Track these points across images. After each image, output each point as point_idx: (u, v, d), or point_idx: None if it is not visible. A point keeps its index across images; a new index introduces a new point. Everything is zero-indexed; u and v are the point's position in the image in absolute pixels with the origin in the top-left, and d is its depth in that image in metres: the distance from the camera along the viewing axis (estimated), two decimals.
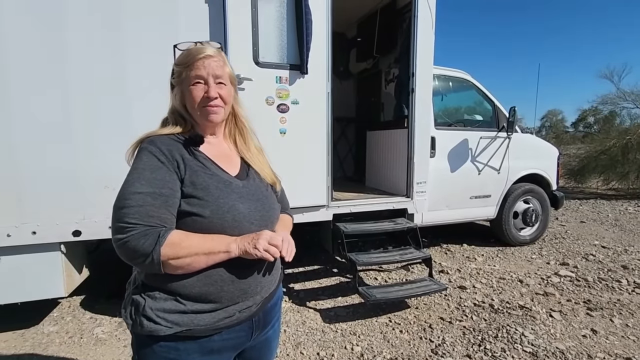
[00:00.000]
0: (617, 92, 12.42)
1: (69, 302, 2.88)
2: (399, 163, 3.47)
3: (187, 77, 0.91)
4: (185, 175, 0.87)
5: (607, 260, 3.84)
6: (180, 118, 0.96)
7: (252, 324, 0.95)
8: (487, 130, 4.02)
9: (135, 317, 0.84)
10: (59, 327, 2.53)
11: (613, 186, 9.46)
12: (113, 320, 2.62)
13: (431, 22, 3.11)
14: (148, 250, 0.77)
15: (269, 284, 0.98)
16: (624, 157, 8.81)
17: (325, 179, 2.83)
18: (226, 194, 0.89)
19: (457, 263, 3.80)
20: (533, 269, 3.63)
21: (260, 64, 2.52)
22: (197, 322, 0.84)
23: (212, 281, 0.85)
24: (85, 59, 2.19)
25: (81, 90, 2.20)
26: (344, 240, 2.87)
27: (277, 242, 0.87)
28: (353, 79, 4.95)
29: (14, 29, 2.06)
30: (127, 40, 2.26)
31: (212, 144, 0.98)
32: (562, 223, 5.65)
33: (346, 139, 4.95)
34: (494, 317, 2.63)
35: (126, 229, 0.77)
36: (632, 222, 5.66)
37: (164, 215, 0.81)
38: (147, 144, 0.88)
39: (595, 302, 2.86)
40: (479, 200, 4.02)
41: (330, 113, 2.79)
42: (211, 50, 0.93)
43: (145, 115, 1.42)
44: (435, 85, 3.76)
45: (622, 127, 10.69)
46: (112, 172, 1.72)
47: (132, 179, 0.82)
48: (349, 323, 2.57)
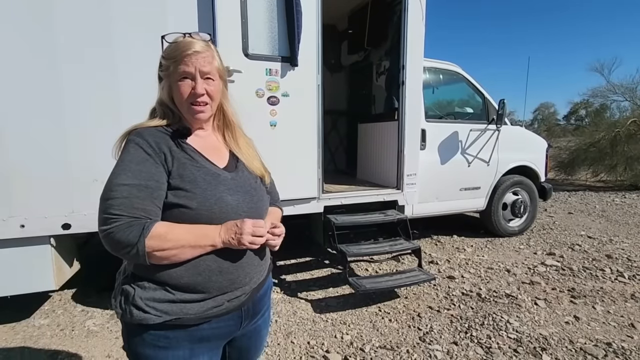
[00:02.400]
0: (607, 85, 12.54)
1: (60, 295, 2.88)
2: (389, 155, 3.50)
3: (174, 72, 0.90)
4: (172, 167, 0.87)
5: (592, 250, 3.94)
6: (168, 110, 0.95)
7: (241, 313, 0.96)
8: (477, 123, 4.06)
9: (125, 306, 0.85)
10: (50, 320, 2.53)
11: (601, 178, 9.62)
12: (105, 312, 2.63)
13: (421, 14, 3.11)
14: (132, 241, 0.78)
15: (257, 274, 0.99)
16: (613, 149, 8.95)
17: (316, 171, 2.85)
18: (214, 186, 0.90)
19: (446, 254, 3.87)
20: (520, 259, 3.71)
21: (249, 56, 2.51)
22: (186, 311, 0.85)
23: (200, 271, 0.86)
24: (75, 50, 2.16)
25: (71, 83, 2.17)
26: (334, 232, 2.90)
27: (261, 232, 0.88)
28: (345, 71, 4.94)
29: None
30: (115, 30, 2.23)
31: (201, 136, 0.98)
32: (551, 214, 5.75)
33: (338, 131, 4.95)
34: (480, 306, 2.69)
35: (111, 219, 0.78)
36: (618, 213, 5.78)
37: (148, 207, 0.82)
38: (135, 136, 0.88)
39: (579, 290, 2.94)
40: (468, 192, 4.07)
41: (321, 105, 2.80)
42: (199, 45, 0.91)
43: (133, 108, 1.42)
44: (426, 78, 3.78)
45: (612, 120, 10.82)
46: (102, 166, 1.72)
47: (118, 171, 0.83)
48: (340, 313, 2.62)
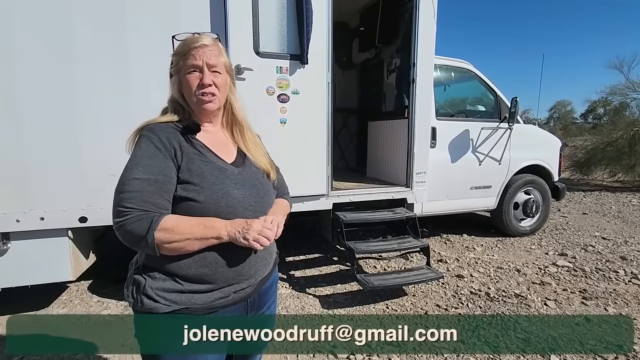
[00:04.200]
0: (626, 82, 12.15)
1: (77, 286, 2.98)
2: (399, 153, 3.49)
3: (183, 66, 0.95)
4: (182, 162, 0.91)
5: (607, 252, 3.86)
6: (178, 106, 1.00)
7: (247, 305, 0.99)
8: (489, 121, 4.01)
9: (137, 295, 0.89)
10: (67, 310, 2.63)
11: (619, 178, 9.37)
12: (119, 303, 2.71)
13: (433, 11, 3.09)
14: (142, 233, 0.82)
15: (263, 267, 1.02)
16: (631, 149, 8.70)
17: (325, 168, 2.87)
18: (221, 180, 0.93)
19: (456, 253, 3.85)
20: (531, 259, 3.67)
21: (260, 54, 2.54)
22: (193, 301, 0.89)
23: (207, 263, 0.90)
24: (89, 52, 2.23)
25: (87, 83, 2.25)
26: (343, 229, 2.92)
27: (267, 234, 0.89)
28: (356, 69, 4.93)
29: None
30: (129, 28, 2.29)
31: (209, 132, 1.02)
32: (564, 214, 5.65)
33: (348, 129, 4.96)
34: (489, 305, 2.68)
35: (123, 212, 0.82)
36: (634, 214, 5.64)
37: (158, 201, 0.86)
38: (147, 131, 0.92)
39: (591, 291, 2.89)
40: (479, 190, 4.03)
41: (331, 103, 2.81)
42: (207, 39, 0.96)
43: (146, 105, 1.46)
44: (437, 76, 3.75)
45: (631, 119, 10.50)
46: (117, 161, 1.77)
47: (131, 165, 0.87)
48: (347, 309, 2.64)
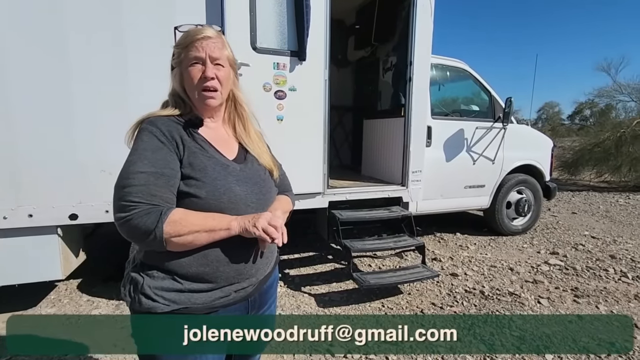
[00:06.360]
0: (613, 85, 12.44)
1: (66, 285, 2.91)
2: (395, 152, 3.49)
3: (185, 58, 0.92)
4: (183, 156, 0.88)
5: (596, 250, 3.93)
6: (179, 100, 0.96)
7: (247, 304, 0.97)
8: (483, 121, 4.04)
9: (134, 294, 0.85)
10: (56, 309, 2.56)
11: (605, 179, 9.58)
12: (110, 302, 2.65)
13: (430, 10, 3.09)
14: (151, 227, 0.78)
15: (264, 267, 1.00)
16: (618, 150, 8.89)
17: (321, 166, 2.85)
18: (223, 176, 0.90)
19: (450, 251, 3.87)
20: (524, 257, 3.71)
21: (257, 50, 2.50)
22: (193, 301, 0.86)
23: (208, 261, 0.87)
24: (83, 46, 2.17)
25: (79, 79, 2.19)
26: (339, 227, 2.90)
27: (276, 223, 0.88)
28: (351, 67, 4.91)
29: None
30: (124, 24, 2.23)
31: (211, 127, 0.99)
32: (554, 214, 5.74)
33: (343, 127, 4.94)
34: (484, 303, 2.70)
35: (129, 207, 0.79)
36: (622, 214, 5.76)
37: (165, 194, 0.83)
38: (148, 124, 0.89)
39: (583, 289, 2.94)
40: (473, 189, 4.06)
41: (328, 100, 2.79)
42: (210, 32, 0.93)
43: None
44: (433, 75, 3.76)
45: (617, 120, 10.75)
46: (110, 157, 1.73)
47: (134, 159, 0.84)
48: (343, 307, 2.63)
